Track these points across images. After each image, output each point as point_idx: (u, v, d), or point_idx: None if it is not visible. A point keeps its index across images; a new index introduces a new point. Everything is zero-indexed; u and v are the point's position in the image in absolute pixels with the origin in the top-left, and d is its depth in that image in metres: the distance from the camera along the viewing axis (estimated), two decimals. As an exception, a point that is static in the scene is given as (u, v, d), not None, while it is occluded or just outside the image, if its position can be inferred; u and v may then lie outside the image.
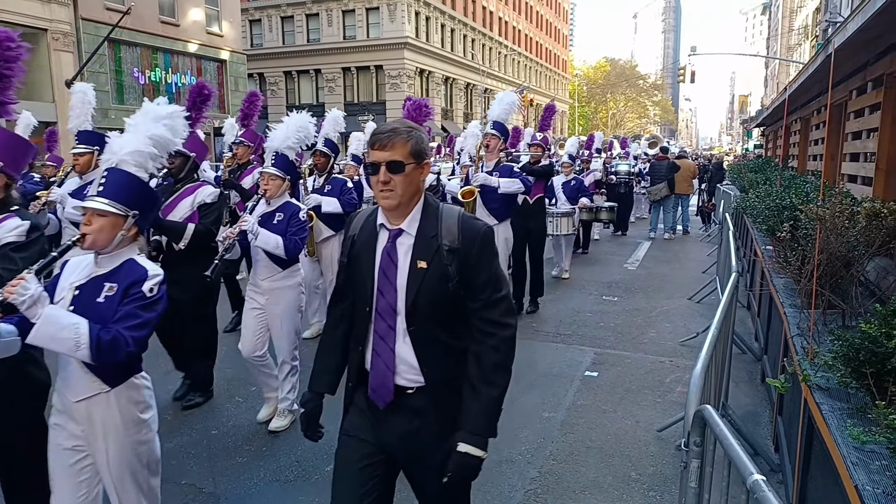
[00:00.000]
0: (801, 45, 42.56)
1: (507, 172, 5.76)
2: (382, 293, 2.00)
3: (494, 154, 5.81)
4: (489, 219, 5.45)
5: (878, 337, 2.41)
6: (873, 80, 5.39)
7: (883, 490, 1.91)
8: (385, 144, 1.92)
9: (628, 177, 13.88)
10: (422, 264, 1.96)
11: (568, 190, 9.29)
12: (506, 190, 5.62)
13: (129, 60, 24.16)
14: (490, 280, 1.99)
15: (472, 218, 2.06)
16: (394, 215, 2.01)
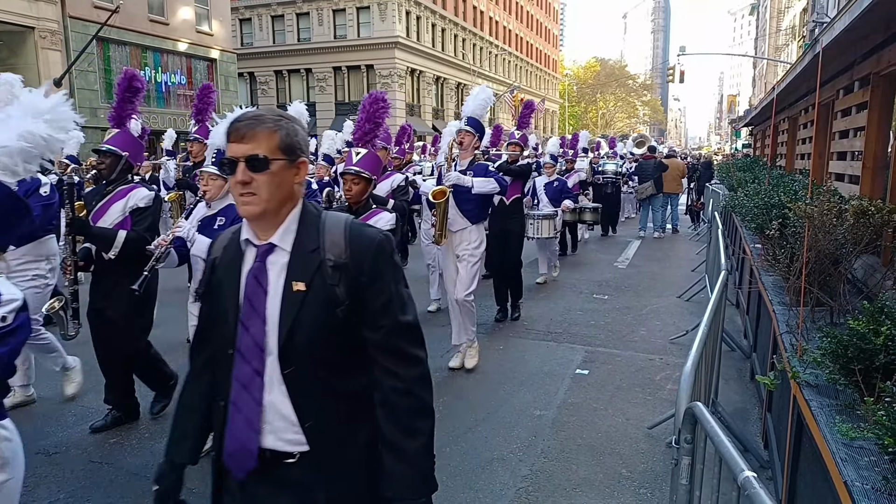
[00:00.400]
0: (788, 45, 42.88)
1: (482, 172, 5.44)
2: (247, 327, 1.55)
3: (469, 152, 5.50)
4: (463, 221, 5.35)
5: (866, 334, 2.43)
6: (860, 80, 5.43)
7: (872, 486, 1.93)
8: (244, 135, 1.52)
9: (616, 177, 13.71)
10: (299, 286, 1.53)
11: (550, 191, 9.00)
12: (480, 190, 5.33)
13: (118, 59, 23.97)
14: (391, 302, 1.58)
15: (363, 226, 1.66)
16: (261, 227, 1.59)
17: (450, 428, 4.25)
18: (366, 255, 1.57)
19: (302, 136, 1.60)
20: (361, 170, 3.94)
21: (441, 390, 4.93)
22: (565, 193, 9.12)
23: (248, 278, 1.59)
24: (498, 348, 6.01)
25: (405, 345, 1.60)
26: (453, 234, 5.37)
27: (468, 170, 5.42)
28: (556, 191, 8.98)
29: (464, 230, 5.38)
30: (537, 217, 8.32)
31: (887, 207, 3.34)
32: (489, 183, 5.35)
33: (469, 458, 3.85)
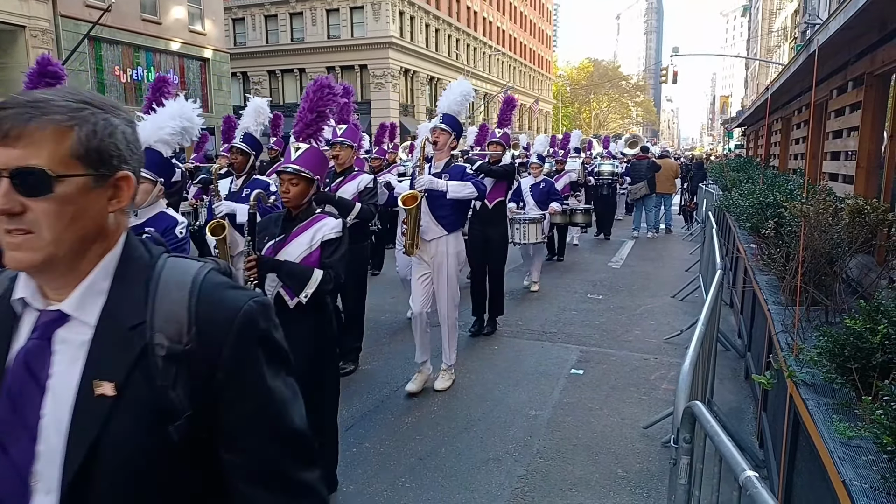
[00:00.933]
0: (780, 46, 43.08)
1: (459, 174, 4.92)
2: (4, 448, 0.94)
3: (444, 153, 4.99)
4: (437, 229, 4.86)
5: (863, 332, 2.43)
6: (854, 80, 5.45)
7: (870, 485, 1.92)
8: (8, 132, 0.90)
9: (611, 178, 13.23)
10: (105, 388, 0.93)
11: (537, 193, 8.48)
12: (455, 195, 4.78)
13: (109, 58, 23.82)
14: (264, 408, 1.02)
15: (221, 287, 1.03)
16: (49, 282, 0.99)
17: (444, 428, 4.24)
18: (223, 337, 0.98)
19: (124, 134, 1.00)
20: (301, 168, 3.26)
21: (435, 391, 4.91)
22: (553, 196, 8.58)
23: (15, 363, 0.97)
24: (493, 348, 6.00)
25: (288, 469, 1.04)
26: (427, 244, 4.88)
27: (443, 172, 4.93)
28: (543, 193, 8.49)
29: (439, 239, 4.88)
30: (523, 221, 7.81)
31: (883, 206, 3.34)
32: (466, 187, 4.84)
33: (464, 458, 3.83)
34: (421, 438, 4.09)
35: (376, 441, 4.04)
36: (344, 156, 5.21)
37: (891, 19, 4.19)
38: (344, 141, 5.19)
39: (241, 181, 5.03)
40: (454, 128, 5.00)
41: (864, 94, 4.96)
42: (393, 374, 5.26)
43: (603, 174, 13.08)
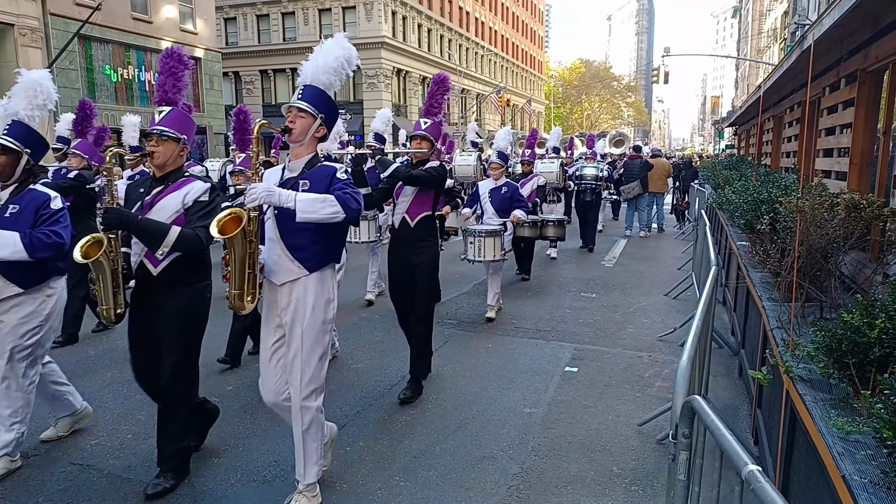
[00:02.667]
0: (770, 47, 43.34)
1: (323, 181, 3.10)
2: None
3: (305, 146, 3.22)
4: (292, 266, 3.12)
5: (860, 327, 2.41)
6: (846, 77, 5.46)
7: (870, 480, 1.91)
8: None
9: (595, 183, 11.48)
10: None
11: (497, 199, 7.13)
12: (307, 216, 2.94)
13: (100, 57, 23.66)
14: None
15: None
16: None
17: (439, 427, 4.20)
18: None
19: None
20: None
21: (429, 389, 4.88)
22: (517, 202, 7.14)
23: None
24: (486, 346, 5.97)
25: None
26: (276, 291, 3.17)
27: (300, 178, 3.15)
28: (505, 199, 7.15)
29: (294, 283, 3.13)
30: (478, 234, 6.46)
31: (878, 201, 3.33)
32: (325, 204, 2.94)
33: (458, 456, 3.80)
34: (415, 437, 4.06)
35: (370, 440, 4.01)
36: (163, 152, 3.30)
37: (883, 15, 4.20)
38: (164, 131, 3.29)
39: None
40: (322, 107, 3.19)
41: (856, 90, 4.97)
42: (386, 373, 5.22)
43: (585, 178, 11.53)
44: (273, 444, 3.94)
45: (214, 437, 4.01)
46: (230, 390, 4.83)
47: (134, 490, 3.40)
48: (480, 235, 6.48)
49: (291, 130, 3.15)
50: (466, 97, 46.89)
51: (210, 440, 3.98)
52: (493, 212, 7.16)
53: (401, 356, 5.59)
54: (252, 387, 4.86)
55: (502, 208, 7.13)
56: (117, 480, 3.51)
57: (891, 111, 4.40)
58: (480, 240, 6.48)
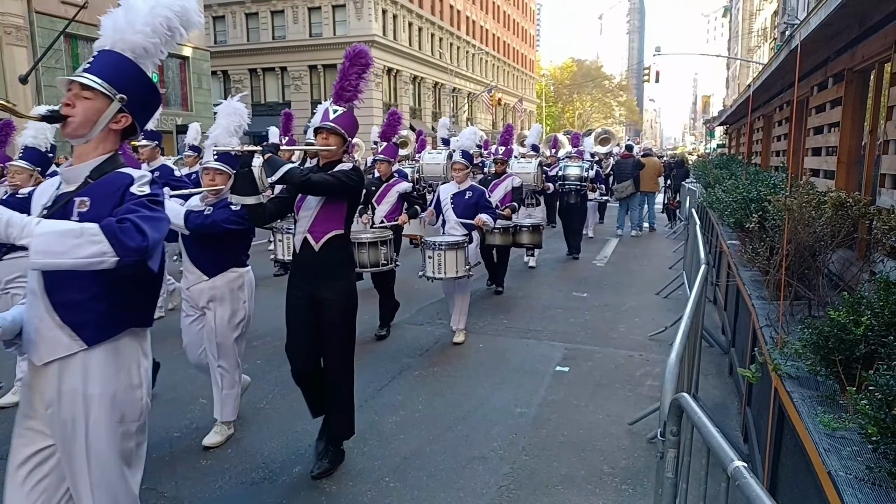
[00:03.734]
0: (760, 47, 43.59)
1: (109, 197, 2.04)
2: None
3: (96, 144, 2.14)
4: (63, 338, 2.03)
5: (846, 324, 2.43)
6: (834, 76, 5.50)
7: (855, 475, 1.92)
8: None
9: (580, 184, 10.45)
10: None
11: (461, 206, 6.10)
12: (49, 260, 1.80)
13: (87, 56, 23.13)
14: None
15: None
16: None
17: (430, 427, 4.20)
18: None
19: None
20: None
21: (420, 389, 4.88)
22: (484, 209, 6.07)
23: None
24: (477, 346, 5.97)
25: None
26: (40, 374, 2.08)
27: (76, 194, 2.09)
28: (469, 205, 6.09)
29: (63, 363, 2.04)
30: (437, 246, 5.51)
31: (865, 199, 3.35)
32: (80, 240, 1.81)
33: (449, 457, 3.79)
34: (405, 438, 4.05)
35: (360, 441, 3.99)
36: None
37: (869, 15, 4.22)
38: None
39: None
40: (122, 84, 2.12)
41: (844, 90, 5.00)
42: (377, 374, 5.21)
43: (569, 179, 10.46)
44: (261, 446, 3.91)
45: (202, 439, 3.99)
46: (219, 391, 4.79)
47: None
48: (440, 248, 5.50)
49: (68, 119, 2.04)
50: (458, 96, 46.89)
51: (197, 441, 3.95)
52: (457, 220, 6.07)
53: (390, 356, 5.58)
54: (241, 388, 4.84)
55: (467, 216, 6.06)
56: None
57: (877, 110, 4.43)
58: (440, 254, 5.49)
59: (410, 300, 7.31)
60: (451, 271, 5.55)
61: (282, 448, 3.89)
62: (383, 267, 5.60)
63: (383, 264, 5.56)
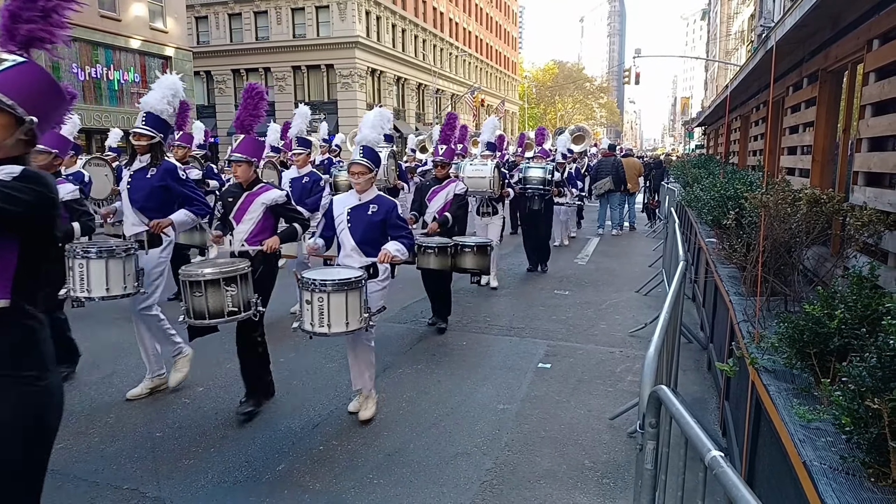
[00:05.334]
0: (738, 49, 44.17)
1: None
2: None
3: None
4: None
5: (821, 318, 2.49)
6: (808, 76, 5.60)
7: (829, 465, 1.96)
8: None
9: (544, 188, 8.90)
10: None
11: (361, 225, 4.29)
12: None
13: (66, 55, 23.14)
14: None
15: None
16: None
17: (413, 424, 4.20)
18: None
19: None
20: None
21: (403, 386, 4.88)
22: (394, 229, 4.30)
23: None
24: (461, 344, 5.99)
25: None
26: None
27: None
28: (373, 225, 4.28)
29: None
30: (318, 286, 3.70)
31: (838, 196, 3.43)
32: None
33: (432, 453, 3.80)
34: (389, 435, 4.05)
35: (343, 439, 3.99)
36: None
37: (843, 16, 4.31)
38: None
39: None
40: None
41: (818, 90, 5.10)
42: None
43: (530, 182, 8.91)
44: (244, 445, 3.90)
45: (184, 439, 3.96)
46: (201, 391, 4.76)
47: (101, 494, 3.34)
48: (322, 289, 3.68)
49: None
50: (441, 97, 46.91)
51: (179, 441, 3.93)
52: (355, 245, 4.28)
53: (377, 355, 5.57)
54: (223, 387, 4.82)
55: (370, 240, 4.26)
56: (83, 484, 3.44)
57: (850, 110, 4.52)
58: (322, 297, 3.69)
59: (393, 298, 7.30)
60: (337, 323, 3.72)
61: (265, 446, 3.88)
62: (231, 317, 3.96)
63: (231, 312, 3.94)
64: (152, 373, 4.72)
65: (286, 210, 4.53)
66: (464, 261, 6.05)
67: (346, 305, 3.74)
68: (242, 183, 4.42)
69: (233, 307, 3.95)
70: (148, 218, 4.55)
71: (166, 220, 4.54)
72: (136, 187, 4.58)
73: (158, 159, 4.60)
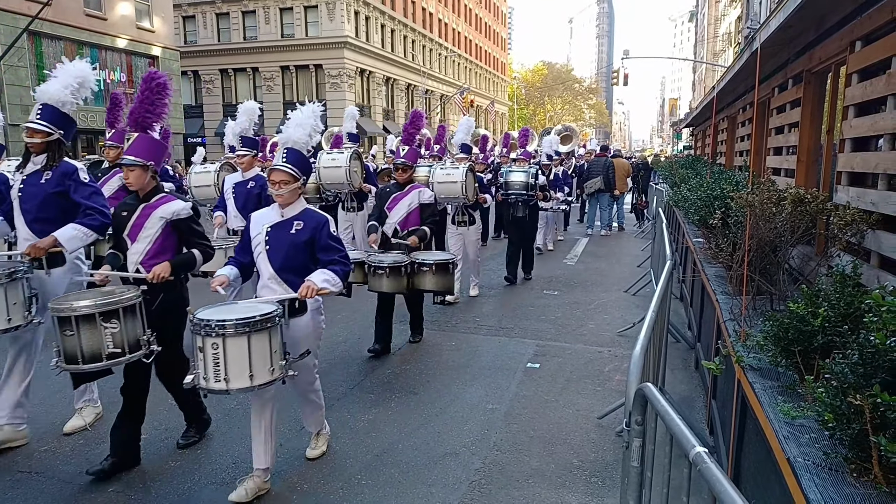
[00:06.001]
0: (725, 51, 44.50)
1: None
2: None
3: None
4: None
5: (805, 316, 2.51)
6: (793, 77, 5.65)
7: (813, 461, 1.98)
8: None
9: (527, 193, 8.26)
10: None
11: (282, 247, 3.44)
12: None
13: (51, 54, 22.91)
14: None
15: None
16: None
17: (402, 424, 4.20)
18: None
19: None
20: None
21: (393, 387, 4.88)
22: (324, 251, 3.44)
23: None
24: (450, 344, 5.99)
25: None
26: None
27: None
28: (297, 247, 3.44)
29: None
30: (213, 329, 2.96)
31: (822, 195, 3.46)
32: None
33: (421, 453, 3.80)
34: (378, 435, 4.05)
35: (332, 439, 3.98)
36: None
37: (827, 17, 4.36)
38: None
39: None
40: None
41: (802, 90, 5.15)
42: (349, 372, 5.19)
43: (513, 187, 8.31)
44: (231, 446, 3.88)
45: (170, 440, 3.93)
46: (188, 393, 4.73)
47: (87, 496, 3.31)
48: (218, 332, 2.94)
49: None
50: (430, 98, 46.90)
51: (165, 443, 3.90)
52: (273, 273, 3.43)
53: (362, 355, 5.56)
54: (211, 389, 4.78)
55: (293, 266, 3.41)
56: (67, 487, 3.41)
57: (834, 111, 4.57)
58: (217, 343, 2.94)
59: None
60: (238, 376, 2.96)
61: (251, 449, 3.85)
62: (113, 360, 3.23)
63: (113, 354, 3.22)
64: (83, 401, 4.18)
65: (188, 229, 3.69)
66: (422, 281, 5.26)
67: (248, 353, 2.97)
68: (139, 192, 3.63)
69: (115, 348, 3.18)
70: (41, 232, 3.76)
71: (45, 240, 3.68)
72: (29, 195, 3.85)
73: (55, 160, 3.90)
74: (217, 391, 2.99)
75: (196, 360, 3.01)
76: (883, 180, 3.29)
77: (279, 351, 3.12)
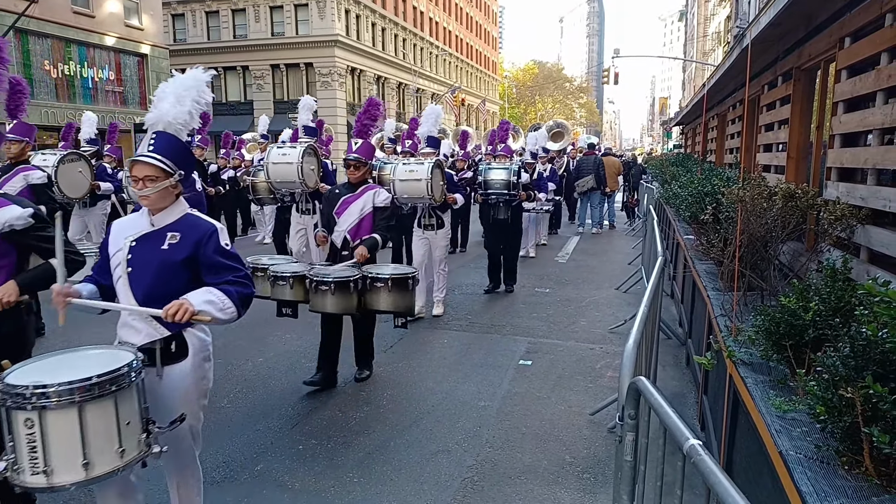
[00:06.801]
0: (714, 50, 44.74)
1: None
2: None
3: None
4: None
5: (796, 310, 2.52)
6: (783, 74, 5.68)
7: (805, 455, 1.98)
8: None
9: (508, 193, 7.42)
10: None
11: (149, 267, 2.47)
12: None
13: (38, 52, 22.70)
14: None
15: None
16: None
17: (394, 422, 4.19)
18: None
19: None
20: None
21: (385, 384, 4.86)
22: (210, 270, 2.49)
23: None
24: (442, 342, 5.98)
25: None
26: None
27: None
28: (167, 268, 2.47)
29: None
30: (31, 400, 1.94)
31: (812, 191, 3.48)
32: None
33: (413, 450, 3.79)
34: (370, 433, 4.03)
35: (324, 437, 3.96)
36: None
37: (816, 14, 4.38)
38: None
39: None
40: None
41: (792, 87, 5.17)
42: (340, 370, 5.16)
43: (492, 187, 7.47)
44: (222, 445, 3.85)
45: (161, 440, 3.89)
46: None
47: (75, 496, 3.27)
48: (34, 402, 1.96)
49: None
50: (421, 96, 46.86)
51: (157, 442, 3.86)
52: (142, 298, 2.48)
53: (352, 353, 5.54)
54: (201, 387, 4.75)
55: (164, 294, 2.40)
56: (57, 486, 3.36)
57: (823, 107, 4.59)
58: (31, 419, 1.98)
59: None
60: (65, 466, 2.02)
61: (243, 447, 3.83)
62: None
63: None
64: None
65: (36, 239, 2.82)
66: (376, 300, 4.35)
67: (80, 430, 2.01)
68: None
69: None
70: None
71: None
72: None
73: None
74: (35, 488, 2.02)
75: (17, 446, 2.00)
76: (872, 175, 3.30)
77: (135, 421, 2.17)
